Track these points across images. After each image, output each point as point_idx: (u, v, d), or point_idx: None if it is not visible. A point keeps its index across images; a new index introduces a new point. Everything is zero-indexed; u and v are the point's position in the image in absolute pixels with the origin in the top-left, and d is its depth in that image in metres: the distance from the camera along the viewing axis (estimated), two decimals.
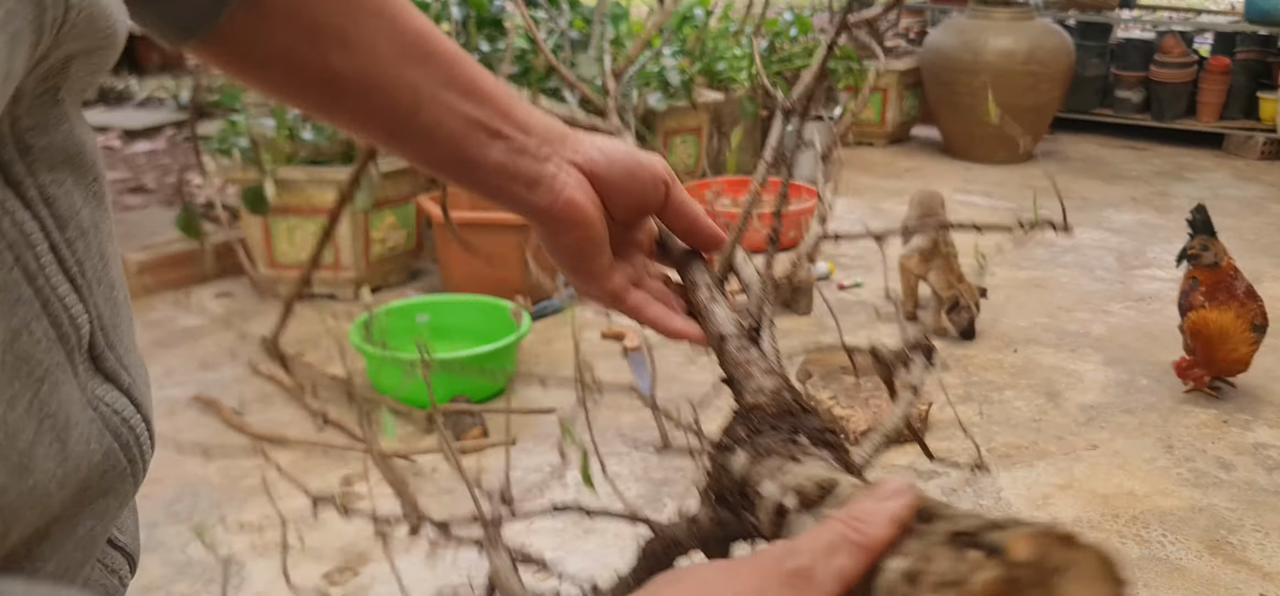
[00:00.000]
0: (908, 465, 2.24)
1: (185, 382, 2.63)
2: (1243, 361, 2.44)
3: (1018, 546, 0.34)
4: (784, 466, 0.53)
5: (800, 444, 0.56)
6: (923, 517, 0.39)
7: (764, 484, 0.53)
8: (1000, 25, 4.80)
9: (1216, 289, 2.48)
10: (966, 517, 0.37)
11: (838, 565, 0.38)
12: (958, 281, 2.81)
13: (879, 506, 0.40)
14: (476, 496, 0.66)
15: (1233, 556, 1.93)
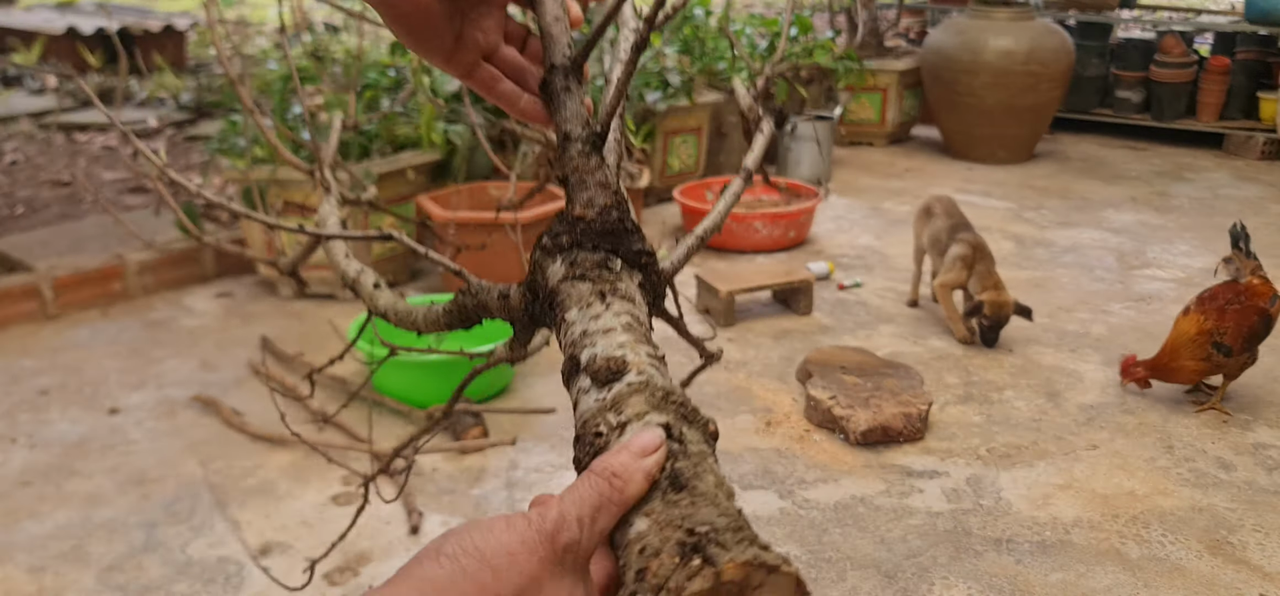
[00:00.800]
0: (905, 465, 2.24)
1: (185, 382, 2.63)
2: (1185, 374, 2.44)
3: (729, 569, 0.41)
4: (591, 306, 0.58)
5: (614, 270, 0.61)
6: (675, 486, 0.46)
7: (570, 311, 0.59)
8: (1000, 25, 4.80)
9: (1209, 299, 2.47)
10: (703, 510, 0.45)
11: (600, 527, 0.44)
12: (991, 288, 2.79)
13: (636, 464, 0.46)
14: None
15: (1233, 556, 1.93)
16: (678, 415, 0.54)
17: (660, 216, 4.01)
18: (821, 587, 1.84)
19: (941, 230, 2.98)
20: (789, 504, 2.09)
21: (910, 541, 1.97)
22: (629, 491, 0.46)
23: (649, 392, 0.54)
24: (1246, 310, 2.40)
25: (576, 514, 0.44)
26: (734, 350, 2.84)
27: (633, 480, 0.46)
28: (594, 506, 0.45)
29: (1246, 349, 2.40)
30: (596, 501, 0.45)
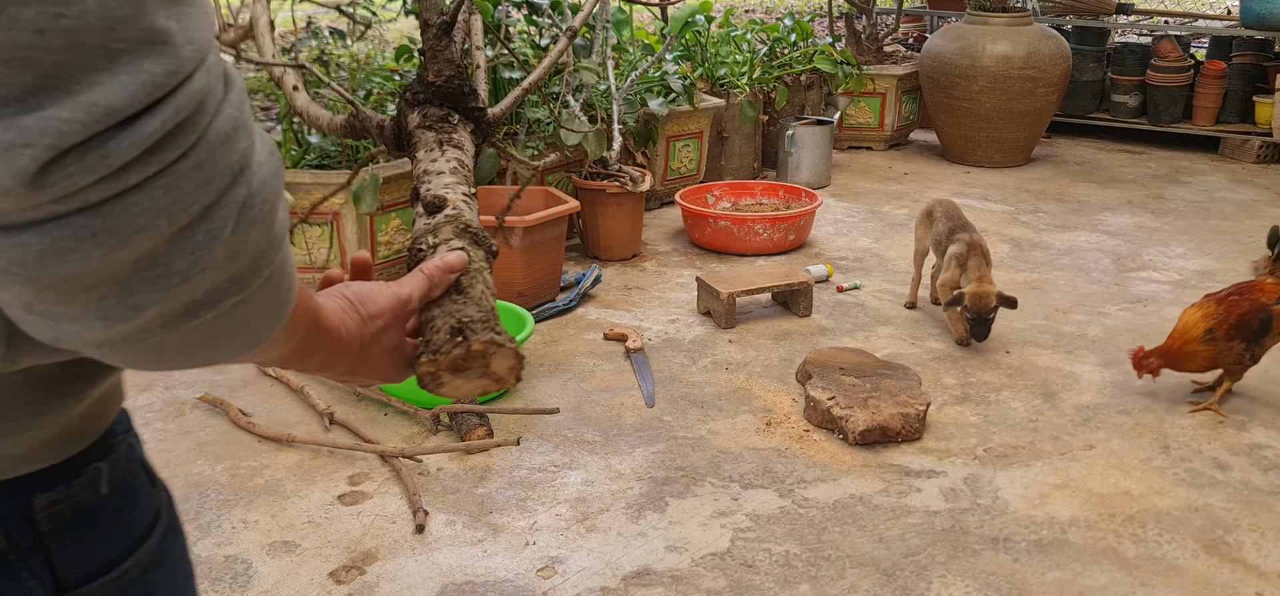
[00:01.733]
0: (903, 464, 2.27)
1: (193, 383, 2.66)
2: (1195, 361, 2.46)
3: (476, 345, 0.72)
4: (433, 152, 0.85)
5: (452, 123, 0.88)
6: (457, 290, 0.75)
7: (419, 151, 0.86)
8: (998, 30, 4.83)
9: (1217, 293, 2.51)
10: (469, 309, 0.74)
11: (415, 306, 0.74)
12: (977, 281, 2.80)
13: (441, 275, 0.76)
14: None
15: (1229, 556, 1.96)
16: (471, 240, 0.80)
17: (661, 219, 4.04)
18: (821, 585, 1.86)
19: (942, 232, 3.01)
20: (789, 503, 2.12)
21: (908, 540, 1.99)
22: (436, 292, 0.76)
23: (456, 224, 0.81)
24: (1241, 302, 2.45)
25: (410, 293, 0.74)
26: (735, 351, 2.87)
27: (439, 284, 0.76)
28: (421, 293, 0.75)
29: (1231, 338, 2.43)
30: (422, 291, 0.75)
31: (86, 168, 0.39)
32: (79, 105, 0.38)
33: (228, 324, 0.48)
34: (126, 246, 0.41)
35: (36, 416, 0.50)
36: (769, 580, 1.87)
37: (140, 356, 0.48)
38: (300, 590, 1.85)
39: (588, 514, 2.08)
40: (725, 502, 2.12)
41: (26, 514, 0.51)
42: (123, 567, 0.55)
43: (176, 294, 0.44)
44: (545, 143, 3.51)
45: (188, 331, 0.47)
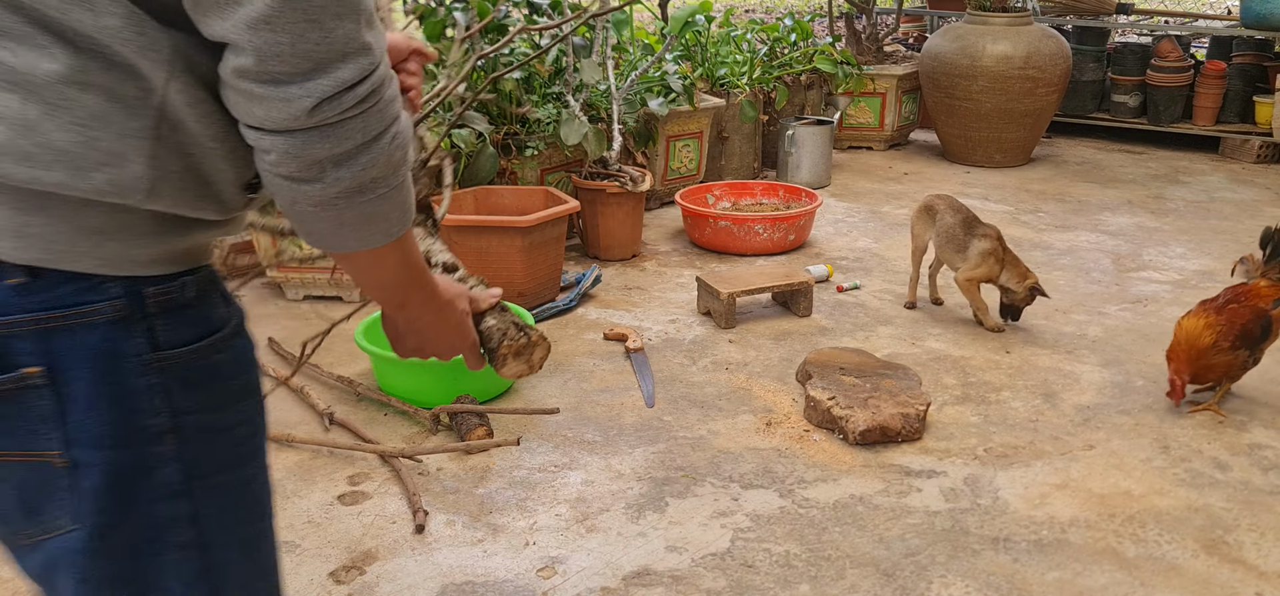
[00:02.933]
0: (903, 464, 2.27)
1: None
2: (1217, 370, 2.44)
3: (533, 335, 1.11)
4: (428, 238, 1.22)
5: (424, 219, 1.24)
6: (500, 309, 1.11)
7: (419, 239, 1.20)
8: (998, 30, 4.83)
9: (1209, 302, 2.49)
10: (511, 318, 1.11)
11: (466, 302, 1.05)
12: (1029, 273, 2.92)
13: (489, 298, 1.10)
14: None
15: (1229, 556, 1.96)
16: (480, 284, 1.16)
17: (661, 219, 4.04)
18: (821, 586, 1.86)
19: (954, 225, 3.00)
20: (789, 503, 2.12)
21: (908, 540, 1.99)
22: (484, 308, 1.09)
23: (469, 278, 1.17)
24: (1242, 309, 2.43)
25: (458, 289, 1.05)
26: (735, 351, 2.87)
27: (486, 304, 1.10)
28: (462, 291, 1.05)
29: (1237, 347, 2.42)
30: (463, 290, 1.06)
31: (331, 107, 0.76)
32: (332, 79, 0.75)
33: (378, 209, 0.82)
34: (341, 145, 0.77)
35: (156, 241, 0.81)
36: (769, 580, 1.87)
37: (328, 222, 0.82)
38: (300, 590, 1.85)
39: (588, 514, 2.08)
40: (725, 502, 2.12)
41: (141, 298, 0.81)
42: (196, 346, 0.85)
43: (359, 175, 0.79)
44: (545, 143, 3.51)
45: (357, 206, 0.81)
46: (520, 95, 3.56)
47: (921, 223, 3.12)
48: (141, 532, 0.84)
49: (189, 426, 0.84)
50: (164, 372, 0.82)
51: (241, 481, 0.91)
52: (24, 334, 0.78)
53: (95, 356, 0.79)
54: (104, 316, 0.79)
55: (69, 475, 0.81)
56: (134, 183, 0.77)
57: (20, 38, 0.73)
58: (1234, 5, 6.83)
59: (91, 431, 0.81)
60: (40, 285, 0.78)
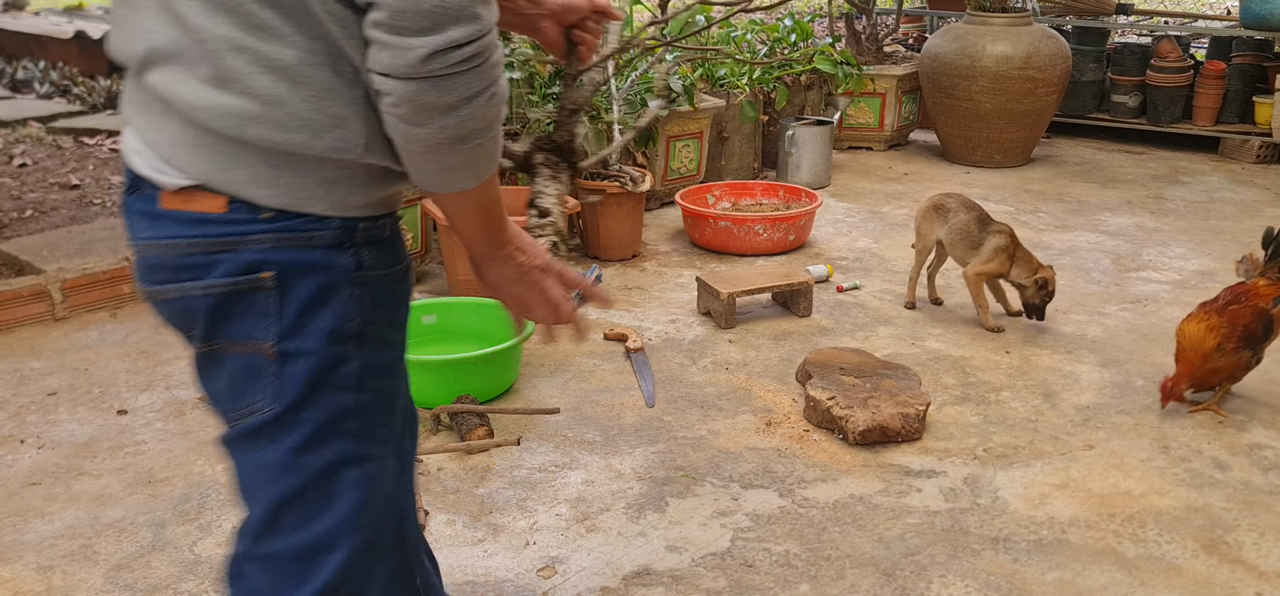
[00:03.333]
0: (903, 464, 2.27)
1: (194, 383, 2.66)
2: (1222, 373, 2.43)
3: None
4: (547, 182, 1.34)
5: (560, 166, 1.37)
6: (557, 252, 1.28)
7: (537, 179, 1.36)
8: (998, 31, 4.84)
9: (1210, 303, 2.48)
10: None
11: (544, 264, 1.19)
12: (1041, 267, 2.95)
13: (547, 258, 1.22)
14: None
15: (1229, 556, 1.96)
16: (558, 236, 1.28)
17: (661, 219, 4.05)
18: (821, 586, 1.87)
19: (969, 222, 3.01)
20: (789, 502, 2.12)
21: (908, 540, 2.00)
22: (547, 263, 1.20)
23: (553, 227, 1.29)
24: (1243, 310, 2.43)
25: (536, 247, 1.19)
26: (735, 351, 2.87)
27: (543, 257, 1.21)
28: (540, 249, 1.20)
29: (1241, 348, 2.42)
30: (544, 263, 1.19)
31: (440, 60, 0.92)
32: (444, 37, 0.91)
33: (472, 156, 1.01)
34: (449, 95, 0.94)
35: (367, 190, 1.05)
36: (769, 580, 1.87)
37: (432, 163, 1.00)
38: None
39: (588, 514, 2.08)
40: (725, 502, 2.12)
41: (353, 231, 1.05)
42: (386, 272, 1.08)
43: (460, 126, 0.96)
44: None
45: (458, 152, 0.99)
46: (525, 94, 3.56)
47: (929, 221, 3.11)
48: (322, 417, 1.05)
49: (371, 335, 1.07)
50: (363, 287, 1.05)
51: (392, 392, 1.13)
52: (266, 246, 1.01)
53: (316, 268, 1.03)
54: (325, 241, 1.03)
55: (276, 364, 1.03)
56: (355, 140, 1.00)
57: (271, 31, 0.95)
58: (1233, 5, 6.83)
59: (301, 327, 1.03)
60: (282, 218, 1.02)
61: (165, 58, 0.98)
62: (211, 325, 1.04)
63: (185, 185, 1.01)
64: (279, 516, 1.08)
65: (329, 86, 0.97)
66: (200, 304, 1.03)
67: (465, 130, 0.97)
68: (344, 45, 0.97)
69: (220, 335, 1.04)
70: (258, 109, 0.97)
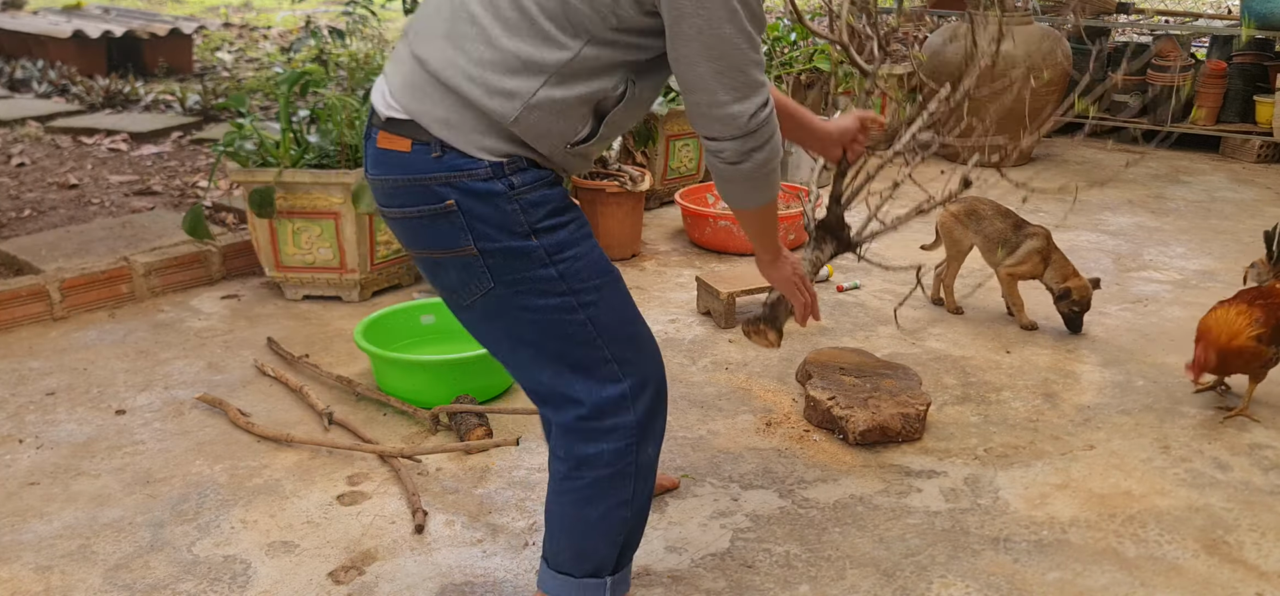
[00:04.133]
0: (903, 464, 2.26)
1: (192, 383, 2.66)
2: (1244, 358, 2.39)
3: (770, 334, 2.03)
4: (812, 249, 2.05)
5: (823, 239, 2.06)
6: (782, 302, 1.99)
7: (805, 248, 2.06)
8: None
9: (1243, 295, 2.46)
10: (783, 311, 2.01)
11: (794, 274, 1.83)
12: (1073, 276, 2.94)
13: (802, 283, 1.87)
14: None
15: (1229, 556, 1.95)
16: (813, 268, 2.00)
17: (661, 219, 4.04)
18: (821, 586, 1.86)
19: (1005, 229, 3.02)
20: (789, 503, 2.12)
21: (909, 540, 1.99)
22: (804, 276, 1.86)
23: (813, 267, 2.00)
24: (1273, 303, 2.41)
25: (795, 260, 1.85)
26: (734, 351, 2.87)
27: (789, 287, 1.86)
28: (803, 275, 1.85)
29: (1273, 342, 2.39)
30: (802, 275, 1.84)
31: (754, 123, 1.43)
32: (753, 102, 1.42)
33: (768, 181, 1.51)
34: (761, 143, 1.46)
35: (509, 145, 1.43)
36: (769, 580, 1.87)
37: (745, 187, 1.51)
38: (299, 590, 1.84)
39: None
40: (725, 503, 2.11)
41: (501, 167, 1.43)
42: (532, 191, 1.46)
43: (765, 160, 1.47)
44: None
45: (760, 177, 1.49)
46: None
47: (962, 227, 3.10)
48: (537, 283, 1.47)
49: (542, 228, 1.46)
50: (518, 201, 1.44)
51: (583, 253, 1.50)
52: (442, 183, 1.43)
53: (481, 194, 1.43)
54: (481, 176, 1.42)
55: (481, 258, 1.45)
56: (509, 113, 1.40)
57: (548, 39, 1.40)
58: (1234, 5, 6.82)
59: (487, 233, 1.44)
60: (445, 157, 1.42)
61: (439, 36, 1.44)
62: (427, 240, 1.48)
63: (393, 117, 1.44)
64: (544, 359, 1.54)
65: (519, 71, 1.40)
66: (415, 224, 1.47)
67: (767, 165, 1.47)
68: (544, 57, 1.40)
69: (435, 246, 1.47)
70: (470, 68, 1.39)
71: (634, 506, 1.60)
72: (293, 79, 3.23)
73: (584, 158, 1.51)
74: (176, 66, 6.97)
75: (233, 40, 8.38)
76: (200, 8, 10.50)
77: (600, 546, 1.61)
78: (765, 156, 1.45)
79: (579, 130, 1.45)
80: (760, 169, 1.46)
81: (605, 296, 1.52)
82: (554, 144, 1.45)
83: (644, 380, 1.55)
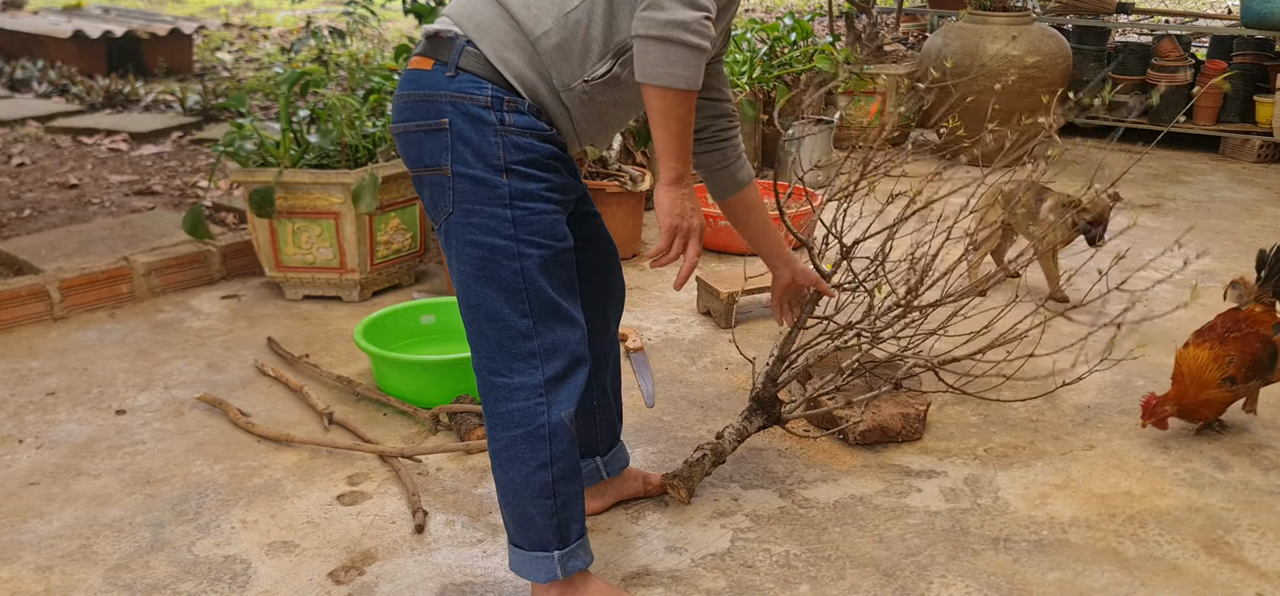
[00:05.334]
0: (903, 464, 2.27)
1: (192, 383, 2.66)
2: (1212, 407, 2.32)
3: None
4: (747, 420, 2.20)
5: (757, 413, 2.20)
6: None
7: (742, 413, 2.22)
8: (998, 29, 4.83)
9: (1208, 331, 2.37)
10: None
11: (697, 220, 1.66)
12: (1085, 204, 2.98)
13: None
14: None
15: (1229, 556, 1.95)
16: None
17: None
18: (821, 586, 1.86)
19: (1028, 199, 3.07)
20: (789, 503, 2.12)
21: (909, 540, 1.99)
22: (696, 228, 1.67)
23: None
24: (1248, 338, 2.32)
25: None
26: (734, 351, 2.87)
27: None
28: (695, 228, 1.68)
29: (1250, 378, 2.32)
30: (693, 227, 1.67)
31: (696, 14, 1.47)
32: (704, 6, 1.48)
33: (683, 57, 1.47)
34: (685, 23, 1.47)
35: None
36: (769, 580, 1.87)
37: (654, 47, 1.47)
38: (299, 590, 1.84)
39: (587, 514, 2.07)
40: (725, 503, 2.12)
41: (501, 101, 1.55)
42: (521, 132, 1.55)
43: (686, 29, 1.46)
44: None
45: (675, 43, 1.46)
46: None
47: (1000, 210, 3.11)
48: (488, 219, 1.55)
49: (515, 168, 1.54)
50: (502, 138, 1.53)
51: (544, 211, 1.56)
52: (446, 101, 1.54)
53: (473, 118, 1.53)
54: (480, 102, 1.53)
55: (452, 181, 1.55)
56: (537, 27, 1.54)
57: None
58: (1234, 5, 6.82)
59: (465, 157, 1.53)
60: (457, 79, 1.53)
61: None
62: (416, 155, 1.58)
63: (432, 32, 1.58)
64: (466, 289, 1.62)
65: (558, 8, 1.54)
66: (412, 138, 1.57)
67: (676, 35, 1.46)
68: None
69: (420, 163, 1.57)
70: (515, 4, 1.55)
71: (555, 471, 1.63)
72: (293, 79, 3.23)
73: (592, 112, 1.59)
74: (176, 66, 6.97)
75: (233, 40, 8.38)
76: (200, 8, 10.50)
77: (534, 515, 1.65)
78: (697, 28, 1.45)
79: (597, 66, 1.55)
80: (686, 30, 1.45)
81: (548, 260, 1.57)
82: (571, 73, 1.55)
83: (554, 346, 1.60)
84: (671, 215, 1.61)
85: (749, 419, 2.16)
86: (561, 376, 1.61)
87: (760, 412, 2.16)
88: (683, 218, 1.61)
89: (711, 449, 2.10)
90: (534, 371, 1.59)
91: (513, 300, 1.57)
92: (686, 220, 1.61)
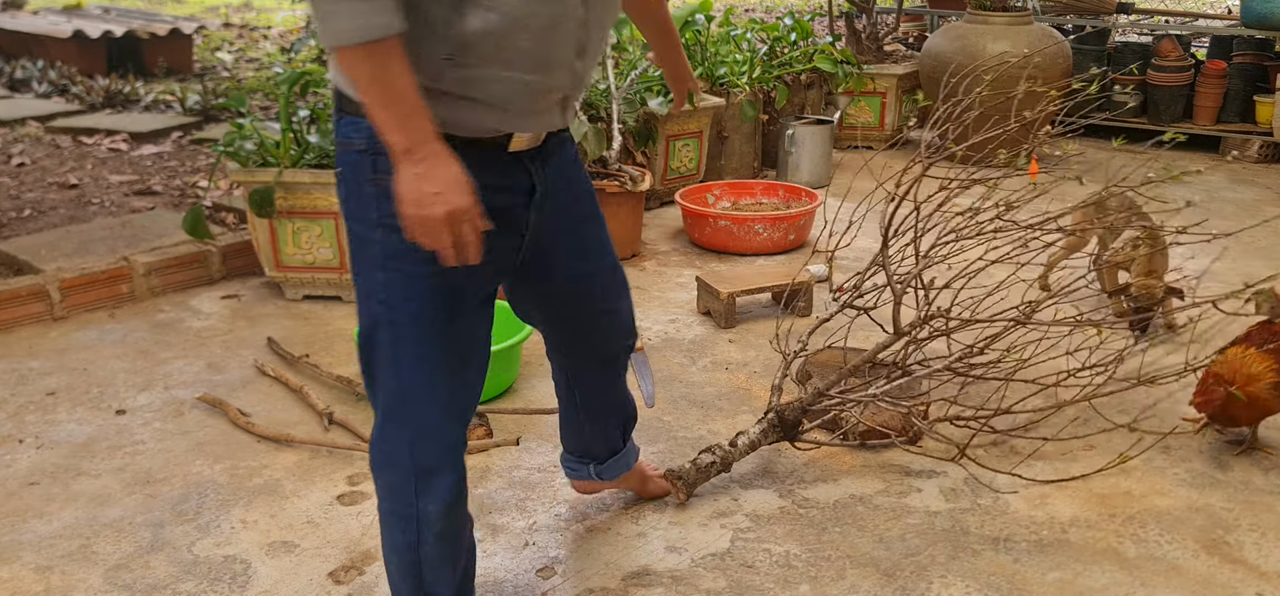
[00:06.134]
0: (903, 464, 2.26)
1: (192, 383, 2.66)
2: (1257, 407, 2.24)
3: None
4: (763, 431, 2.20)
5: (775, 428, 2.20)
6: None
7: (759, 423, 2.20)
8: (998, 29, 4.83)
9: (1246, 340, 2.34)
10: None
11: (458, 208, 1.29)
12: (1148, 275, 2.84)
13: None
14: None
15: (1229, 556, 1.95)
16: None
17: (661, 219, 4.04)
18: (821, 586, 1.86)
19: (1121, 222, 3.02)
20: (789, 503, 2.12)
21: (909, 540, 1.99)
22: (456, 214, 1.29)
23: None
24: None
25: None
26: (734, 351, 2.87)
27: None
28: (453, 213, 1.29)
29: None
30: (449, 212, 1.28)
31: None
32: None
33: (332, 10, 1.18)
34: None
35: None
36: (769, 580, 1.87)
37: (319, 24, 1.20)
38: (299, 590, 1.84)
39: (587, 514, 2.07)
40: (725, 503, 2.12)
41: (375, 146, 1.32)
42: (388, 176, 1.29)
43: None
44: None
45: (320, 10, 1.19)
46: None
47: (1088, 217, 3.08)
48: (366, 282, 1.39)
49: (389, 223, 1.29)
50: (377, 184, 1.31)
51: (419, 276, 1.35)
52: (339, 149, 1.37)
53: (352, 167, 1.35)
54: (356, 148, 1.33)
55: (349, 233, 1.40)
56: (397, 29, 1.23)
57: None
58: (1234, 5, 6.82)
59: (349, 209, 1.38)
60: (341, 121, 1.36)
61: None
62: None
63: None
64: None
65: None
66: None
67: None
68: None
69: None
70: None
71: (427, 561, 1.46)
72: (293, 79, 3.23)
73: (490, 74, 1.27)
74: (176, 66, 6.97)
75: (233, 40, 8.38)
76: (200, 8, 10.50)
77: (402, 589, 1.51)
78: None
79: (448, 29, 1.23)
80: None
81: (425, 331, 1.36)
82: (429, 58, 1.25)
83: (425, 431, 1.41)
84: (408, 204, 1.24)
85: (766, 434, 2.16)
86: (432, 470, 1.43)
87: (779, 429, 2.17)
88: (421, 205, 1.23)
89: (722, 458, 2.10)
90: (406, 455, 1.42)
91: (389, 374, 1.40)
92: (427, 208, 1.23)
